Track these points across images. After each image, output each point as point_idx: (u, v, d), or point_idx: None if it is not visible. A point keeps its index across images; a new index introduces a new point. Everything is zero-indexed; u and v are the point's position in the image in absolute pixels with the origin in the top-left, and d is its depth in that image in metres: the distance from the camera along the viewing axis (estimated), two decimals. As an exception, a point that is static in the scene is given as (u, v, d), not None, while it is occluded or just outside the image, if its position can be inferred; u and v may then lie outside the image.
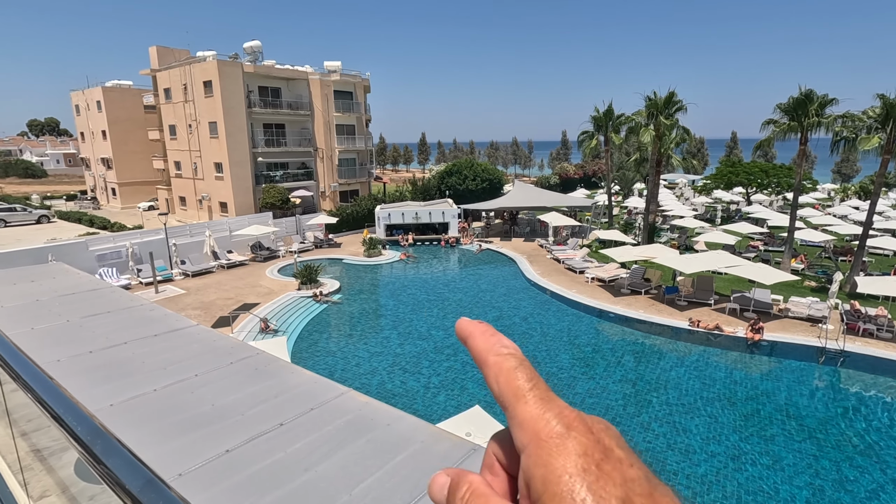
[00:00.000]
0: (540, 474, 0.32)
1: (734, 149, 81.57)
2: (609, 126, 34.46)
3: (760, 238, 32.61)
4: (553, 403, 0.36)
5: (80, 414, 0.73)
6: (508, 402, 0.36)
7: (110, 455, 0.64)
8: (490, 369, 0.39)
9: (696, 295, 20.31)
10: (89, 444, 0.66)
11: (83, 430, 0.69)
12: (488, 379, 0.39)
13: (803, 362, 15.52)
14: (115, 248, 24.30)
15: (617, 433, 0.37)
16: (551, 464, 0.32)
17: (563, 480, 0.31)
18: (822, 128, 22.48)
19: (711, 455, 11.00)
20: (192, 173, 39.51)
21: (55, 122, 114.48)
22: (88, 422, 0.71)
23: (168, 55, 41.59)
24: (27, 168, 76.65)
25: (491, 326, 0.42)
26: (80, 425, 0.70)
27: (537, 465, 0.32)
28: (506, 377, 0.38)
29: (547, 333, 18.10)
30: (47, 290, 4.46)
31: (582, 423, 0.35)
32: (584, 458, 0.32)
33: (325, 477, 1.76)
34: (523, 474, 0.34)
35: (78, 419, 0.72)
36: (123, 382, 2.48)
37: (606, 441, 0.34)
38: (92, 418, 0.71)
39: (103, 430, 0.69)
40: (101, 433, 0.68)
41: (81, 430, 0.69)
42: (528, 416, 0.35)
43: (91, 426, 0.70)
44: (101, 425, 0.71)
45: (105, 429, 0.69)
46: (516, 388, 0.37)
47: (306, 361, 15.70)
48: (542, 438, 0.33)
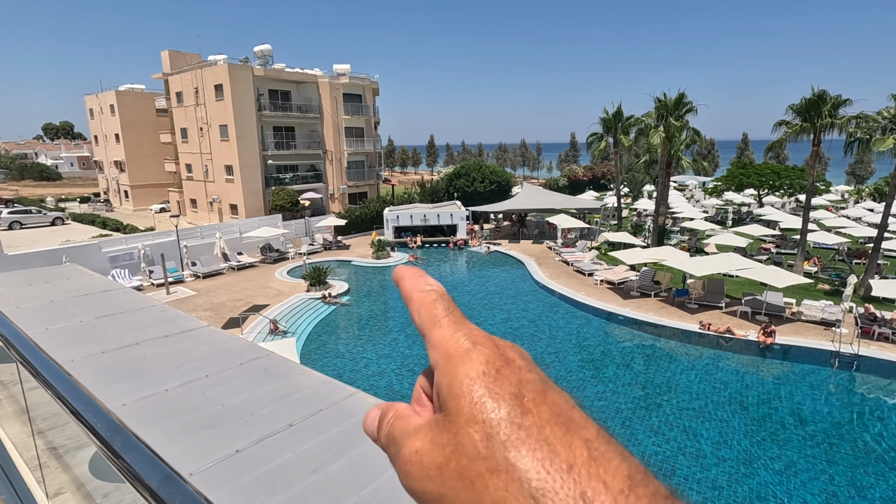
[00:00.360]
0: (446, 383, 0.36)
1: (745, 150, 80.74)
2: (618, 128, 34.27)
3: (772, 240, 32.21)
4: (464, 326, 0.40)
5: (99, 411, 0.75)
6: (426, 329, 0.41)
7: (129, 451, 0.66)
8: (413, 304, 0.43)
9: (706, 298, 20.11)
10: (109, 441, 0.68)
11: (103, 426, 0.71)
12: (412, 313, 0.43)
13: (817, 366, 15.30)
14: (128, 250, 24.61)
15: (523, 351, 0.40)
16: (456, 372, 0.36)
17: (464, 383, 0.35)
18: (835, 129, 22.19)
19: (722, 459, 10.87)
20: (203, 176, 39.92)
21: (70, 126, 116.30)
22: (108, 418, 0.73)
23: (180, 59, 42.10)
24: (42, 171, 77.97)
25: (420, 270, 0.47)
26: (99, 422, 0.72)
27: (444, 375, 0.37)
28: (427, 309, 0.42)
29: (556, 336, 18.02)
30: (61, 290, 4.54)
31: (488, 340, 0.39)
32: (485, 364, 0.36)
33: (333, 478, 1.77)
34: (435, 388, 0.38)
35: (98, 416, 0.74)
36: (136, 382, 2.51)
37: (510, 353, 0.38)
38: (111, 415, 0.73)
39: (122, 427, 0.71)
40: (121, 430, 0.70)
41: (101, 427, 0.71)
42: (441, 337, 0.39)
43: (110, 423, 0.72)
44: (120, 422, 0.72)
45: (124, 425, 0.71)
46: (433, 315, 0.41)
47: (315, 363, 15.77)
48: (451, 353, 0.37)
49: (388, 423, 0.41)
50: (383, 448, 0.41)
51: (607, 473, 0.31)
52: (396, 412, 0.42)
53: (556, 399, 0.35)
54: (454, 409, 0.35)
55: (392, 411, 0.42)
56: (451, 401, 0.35)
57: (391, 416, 0.42)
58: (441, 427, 0.35)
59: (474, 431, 0.33)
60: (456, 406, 0.35)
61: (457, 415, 0.34)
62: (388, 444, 0.40)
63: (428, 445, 0.35)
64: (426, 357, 1.70)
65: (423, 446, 0.35)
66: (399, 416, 0.41)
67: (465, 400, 0.34)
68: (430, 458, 0.35)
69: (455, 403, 0.35)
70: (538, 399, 0.34)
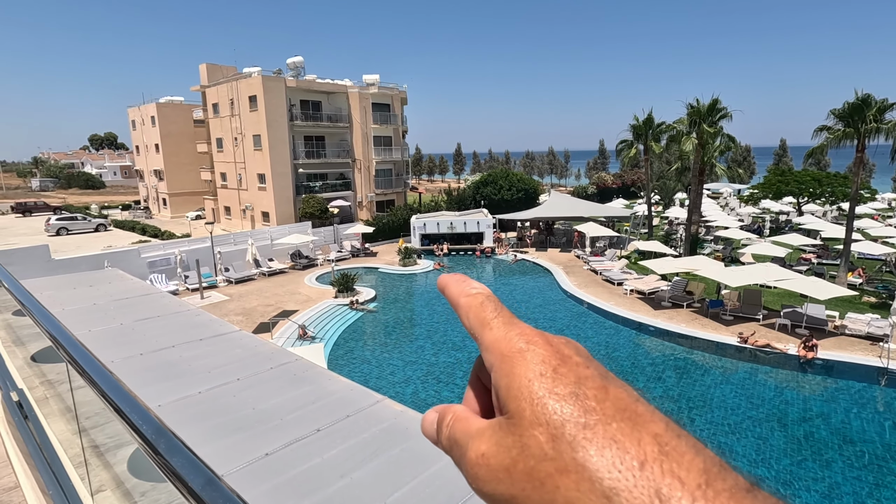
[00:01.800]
0: (504, 384, 0.36)
1: (783, 157, 77.94)
2: (649, 135, 33.66)
3: (813, 250, 30.87)
4: (515, 326, 0.40)
5: (143, 412, 0.78)
6: (477, 331, 0.40)
7: (174, 453, 0.68)
8: (461, 309, 0.43)
9: (742, 309, 19.41)
10: (153, 441, 0.71)
11: (148, 427, 0.74)
12: (461, 318, 0.42)
13: (862, 383, 14.53)
14: (165, 256, 25.53)
15: (578, 345, 0.39)
16: (513, 373, 0.36)
17: (523, 385, 0.35)
18: (881, 134, 21.22)
19: (759, 479, 10.41)
20: (237, 184, 41.14)
21: (113, 137, 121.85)
22: (151, 420, 0.76)
23: (217, 72, 43.68)
24: (88, 179, 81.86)
25: (464, 276, 0.47)
26: (144, 423, 0.75)
27: (501, 377, 0.36)
28: (475, 312, 0.42)
29: (584, 346, 17.69)
30: (103, 294, 4.74)
31: (542, 338, 0.38)
32: (542, 364, 0.35)
33: (360, 484, 1.78)
34: (493, 388, 0.38)
35: (142, 417, 0.77)
36: (171, 384, 2.60)
37: (565, 350, 0.37)
38: (153, 416, 0.76)
39: (165, 428, 0.74)
40: (164, 431, 0.73)
41: (146, 428, 0.74)
42: (493, 339, 0.39)
43: (154, 424, 0.74)
44: (163, 423, 0.75)
45: (167, 427, 0.74)
46: (483, 318, 0.41)
47: (342, 368, 15.93)
48: (505, 354, 0.37)
49: (447, 426, 0.41)
50: (446, 451, 0.41)
51: (681, 468, 0.30)
52: (455, 414, 0.41)
53: (619, 393, 0.35)
54: (516, 412, 0.34)
55: (450, 413, 0.42)
56: (511, 402, 0.35)
57: (450, 418, 0.41)
58: (505, 430, 0.35)
59: (539, 433, 0.33)
60: (517, 408, 0.34)
61: (519, 417, 0.34)
62: (451, 447, 0.40)
63: (494, 448, 0.35)
64: (452, 366, 1.72)
65: (489, 449, 0.35)
66: (458, 418, 0.41)
67: (526, 402, 0.34)
68: (498, 461, 0.34)
69: (516, 405, 0.34)
70: (600, 395, 0.34)
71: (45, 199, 63.12)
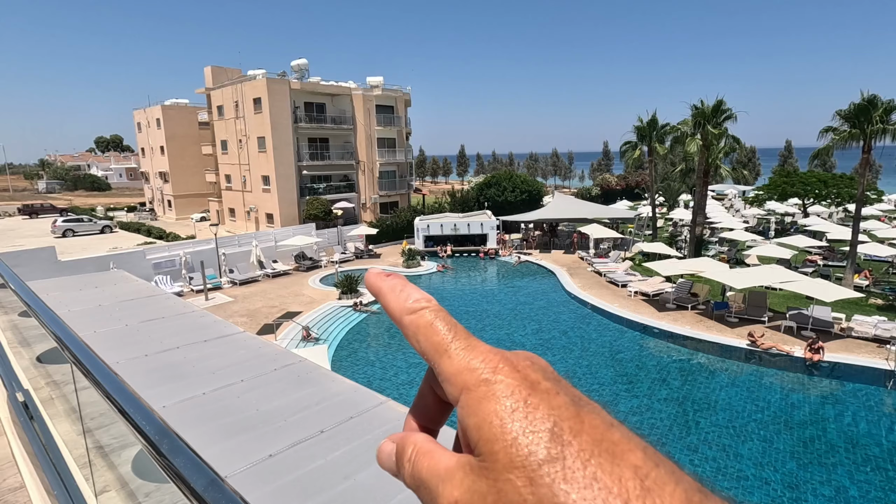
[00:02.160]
0: (473, 423, 0.32)
1: (788, 158, 77.56)
2: (653, 136, 33.56)
3: (819, 252, 30.68)
4: (476, 351, 0.36)
5: (147, 413, 0.78)
6: (432, 359, 0.36)
7: (177, 454, 0.68)
8: (407, 329, 0.38)
9: (747, 311, 19.30)
10: (157, 442, 0.71)
11: (151, 428, 0.74)
12: (408, 339, 0.38)
13: (869, 386, 14.41)
14: (170, 257, 25.64)
15: (544, 364, 0.36)
16: (481, 410, 0.32)
17: (494, 424, 0.31)
18: (887, 135, 21.10)
19: (765, 482, 10.34)
20: (242, 186, 41.30)
21: (119, 139, 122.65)
22: (155, 420, 0.76)
23: (221, 74, 43.89)
24: (93, 182, 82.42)
25: (401, 277, 0.41)
26: (148, 424, 0.76)
27: (469, 414, 0.33)
28: (424, 333, 0.37)
29: (587, 348, 17.65)
30: (109, 295, 4.76)
31: (507, 364, 0.35)
32: (511, 398, 0.32)
33: (364, 486, 1.78)
34: (459, 424, 0.34)
35: (146, 418, 0.77)
36: (176, 385, 2.61)
37: (532, 376, 0.34)
38: (157, 417, 0.76)
39: (168, 429, 0.74)
40: (167, 432, 0.73)
41: (149, 429, 0.74)
42: (454, 370, 0.35)
43: (158, 425, 0.75)
44: (166, 424, 0.76)
45: (170, 428, 0.74)
46: (437, 343, 0.36)
47: (346, 370, 15.95)
48: (470, 388, 0.34)
49: (409, 461, 0.36)
50: (411, 489, 0.36)
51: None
52: (417, 447, 0.37)
53: (593, 421, 0.32)
54: (488, 454, 0.31)
55: (411, 446, 0.37)
56: (483, 444, 0.32)
57: (411, 451, 0.37)
58: (477, 473, 0.32)
59: (515, 477, 0.30)
60: (489, 450, 0.31)
61: (493, 460, 0.31)
62: (417, 487, 0.36)
63: (467, 496, 0.32)
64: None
65: (462, 496, 0.32)
66: (421, 451, 0.36)
67: (499, 444, 0.31)
68: None
69: (488, 448, 0.31)
70: (575, 427, 0.31)
71: (52, 201, 63.57)
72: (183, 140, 50.52)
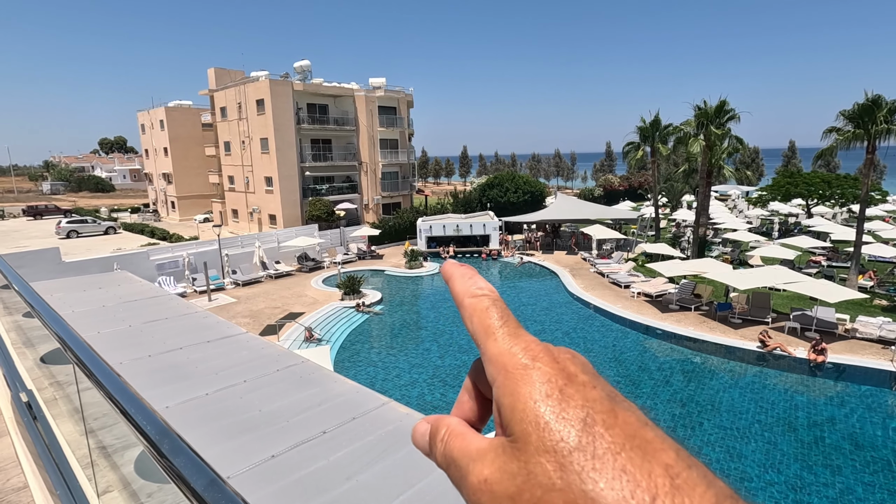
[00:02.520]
0: (508, 403, 0.34)
1: (792, 158, 77.36)
2: (656, 136, 33.53)
3: (823, 253, 30.56)
4: (520, 338, 0.38)
5: (148, 413, 0.79)
6: (480, 339, 0.39)
7: (177, 454, 0.69)
8: (465, 310, 0.41)
9: (751, 312, 19.23)
10: (157, 443, 0.71)
11: (152, 428, 0.74)
12: (464, 319, 0.41)
13: (874, 387, 14.33)
14: (173, 258, 25.71)
15: (584, 361, 0.38)
16: (517, 392, 0.34)
17: (528, 406, 0.33)
18: (891, 135, 21.00)
19: (769, 484, 10.30)
20: (245, 187, 41.41)
21: (123, 141, 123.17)
22: (156, 421, 0.76)
23: (225, 76, 44.04)
24: (98, 183, 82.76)
25: (472, 269, 0.44)
26: (149, 424, 0.76)
27: (505, 394, 0.35)
28: (479, 316, 0.40)
29: (590, 349, 17.62)
30: (112, 296, 4.78)
31: (547, 354, 0.36)
32: (547, 384, 0.34)
33: (366, 486, 1.78)
34: (495, 404, 0.36)
35: (147, 418, 0.77)
36: (179, 386, 2.61)
37: (571, 368, 0.35)
38: (159, 417, 0.76)
39: (169, 430, 0.74)
40: (168, 432, 0.73)
41: (150, 429, 0.74)
42: (497, 351, 0.37)
43: (159, 425, 0.75)
44: (167, 425, 0.76)
45: (171, 428, 0.74)
46: (487, 325, 0.39)
47: (348, 371, 15.96)
48: (508, 370, 0.35)
49: (442, 441, 0.39)
50: (441, 467, 0.39)
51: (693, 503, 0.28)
52: (449, 429, 0.39)
53: (628, 418, 0.33)
54: (521, 435, 0.33)
55: (444, 427, 0.40)
56: (516, 425, 0.33)
57: (444, 432, 0.39)
58: (509, 454, 0.33)
59: (546, 461, 0.31)
60: (522, 431, 0.32)
61: (525, 442, 0.32)
62: (448, 466, 0.38)
63: (497, 474, 0.33)
64: (458, 368, 1.71)
65: (492, 475, 0.33)
66: (453, 433, 0.39)
67: (532, 425, 0.32)
68: (502, 488, 0.32)
69: (521, 428, 0.33)
70: (608, 420, 0.32)
71: (56, 202, 63.86)
72: (186, 141, 50.69)
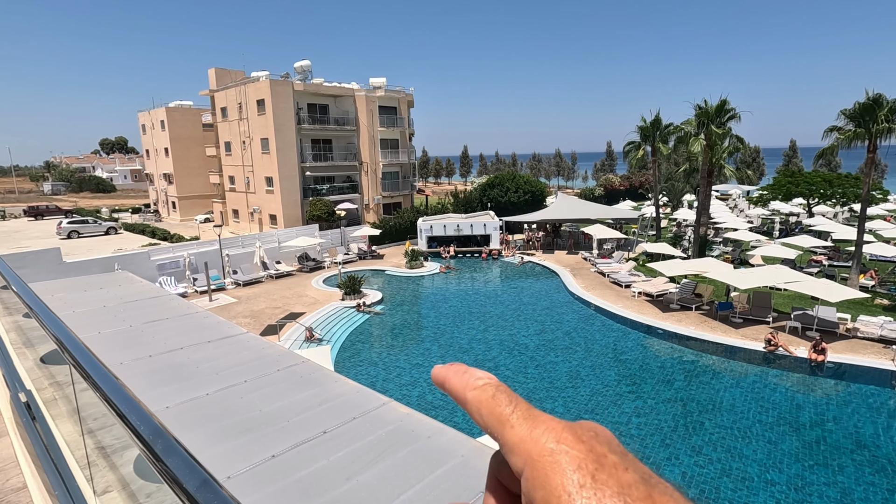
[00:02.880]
0: (541, 497, 0.32)
1: (793, 158, 77.25)
2: (656, 136, 33.51)
3: (824, 252, 30.52)
4: (538, 420, 0.36)
5: (143, 414, 0.78)
6: (496, 431, 0.36)
7: (170, 455, 0.68)
8: (471, 405, 0.39)
9: (752, 312, 19.21)
10: (151, 443, 0.71)
11: (146, 429, 0.74)
12: (472, 415, 0.39)
13: (875, 387, 14.31)
14: (174, 259, 25.73)
15: (608, 435, 0.36)
16: (548, 484, 0.32)
17: (562, 499, 0.31)
18: (893, 134, 20.95)
19: (770, 483, 10.28)
20: (245, 187, 41.42)
21: (124, 141, 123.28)
22: (150, 422, 0.76)
23: (225, 76, 44.05)
24: (98, 183, 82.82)
25: (462, 364, 0.43)
26: (143, 425, 0.75)
27: (535, 487, 0.32)
28: (487, 407, 0.38)
29: (591, 349, 17.60)
30: (113, 296, 4.78)
31: (571, 435, 0.34)
32: (578, 472, 0.32)
33: (366, 486, 1.77)
34: (525, 498, 0.34)
35: (141, 419, 0.77)
36: (179, 386, 2.61)
37: (598, 448, 0.34)
38: (153, 418, 0.75)
39: (163, 431, 0.73)
40: (162, 433, 0.72)
41: (144, 430, 0.74)
42: (518, 440, 0.35)
43: (153, 426, 0.74)
44: (162, 425, 0.75)
45: (165, 429, 0.74)
46: (499, 414, 0.37)
47: (349, 371, 15.96)
48: (535, 458, 0.33)
49: None
50: None
51: None
52: None
53: (665, 502, 0.31)
54: None
55: None
56: None
57: None
58: None
59: None
60: None
61: None
62: None
63: None
64: (460, 368, 1.61)
65: None
66: None
67: None
68: None
69: None
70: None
71: (57, 202, 63.92)
72: (187, 142, 50.73)
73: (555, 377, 15.39)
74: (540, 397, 14.11)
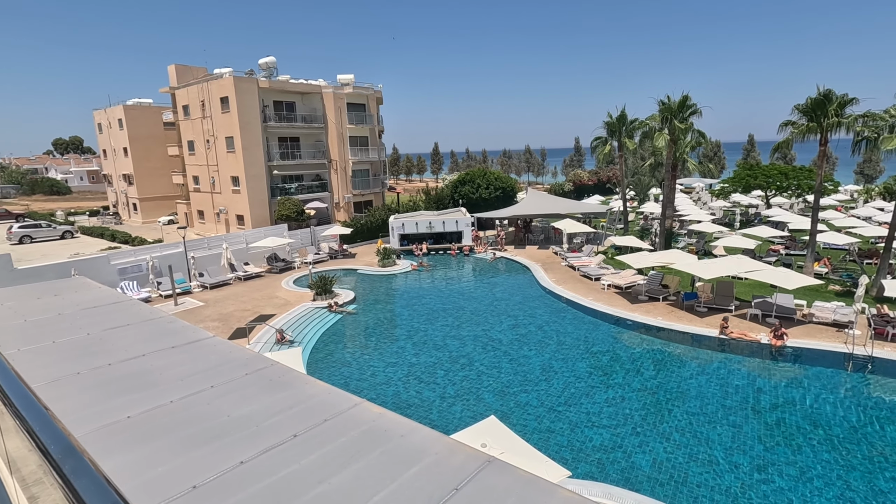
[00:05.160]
0: None
1: (752, 152, 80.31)
2: (623, 131, 34.23)
3: (781, 242, 31.92)
4: None
5: (57, 433, 0.74)
6: None
7: (80, 475, 0.64)
8: None
9: (715, 301, 19.92)
10: (59, 463, 0.67)
11: (56, 448, 0.70)
12: None
13: (830, 369, 15.07)
14: (136, 262, 24.80)
15: None
16: None
17: None
18: (842, 128, 22.03)
19: (735, 466, 10.70)
20: (210, 187, 40.27)
21: (79, 141, 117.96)
22: (64, 440, 0.72)
23: (186, 73, 42.65)
24: (52, 185, 78.97)
25: None
26: (53, 444, 0.71)
27: None
28: None
29: (563, 342, 17.90)
30: (70, 303, 4.56)
31: None
32: None
33: (339, 489, 1.75)
34: None
35: (53, 438, 0.72)
36: (142, 394, 2.51)
37: None
38: (69, 437, 0.71)
39: (77, 450, 0.69)
40: (75, 453, 0.68)
41: (54, 448, 0.70)
42: None
43: (66, 445, 0.70)
44: (78, 445, 0.71)
45: (81, 449, 0.70)
46: None
47: (322, 372, 15.74)
48: None
49: None
50: None
51: None
52: None
53: None
54: None
55: None
56: None
57: None
58: None
59: None
60: None
61: None
62: None
63: None
64: (433, 365, 1.69)
65: None
66: None
67: None
68: None
69: None
70: None
71: (7, 206, 60.66)
72: (147, 141, 48.92)
73: (528, 371, 15.58)
74: (514, 391, 14.26)
